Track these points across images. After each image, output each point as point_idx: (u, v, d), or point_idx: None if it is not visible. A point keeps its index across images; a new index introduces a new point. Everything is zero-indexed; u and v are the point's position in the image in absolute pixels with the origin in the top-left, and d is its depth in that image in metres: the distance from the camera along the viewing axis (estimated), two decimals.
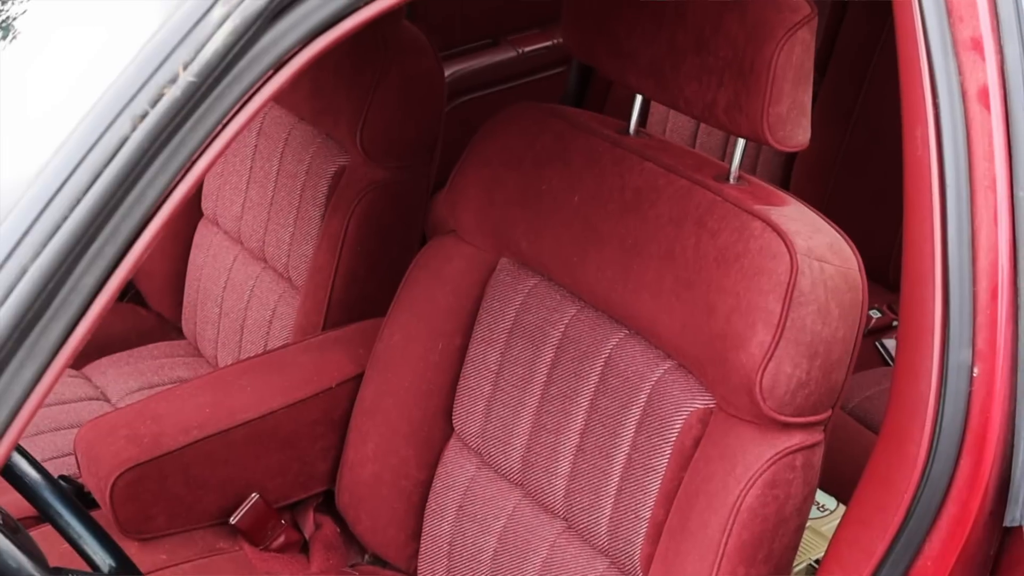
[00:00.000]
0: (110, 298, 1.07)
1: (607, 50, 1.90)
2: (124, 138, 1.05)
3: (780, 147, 1.74)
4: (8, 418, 1.02)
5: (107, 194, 1.05)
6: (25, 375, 1.03)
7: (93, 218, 1.04)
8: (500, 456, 2.03)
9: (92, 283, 1.05)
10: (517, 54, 3.32)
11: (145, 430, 2.10)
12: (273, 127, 2.57)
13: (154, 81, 1.07)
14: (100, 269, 1.06)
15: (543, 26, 3.39)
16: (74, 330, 1.05)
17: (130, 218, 1.07)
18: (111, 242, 1.06)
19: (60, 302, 1.04)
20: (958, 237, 1.47)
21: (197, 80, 1.08)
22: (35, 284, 1.02)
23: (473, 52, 3.26)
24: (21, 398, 1.03)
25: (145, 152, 1.06)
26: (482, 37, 3.30)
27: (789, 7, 1.70)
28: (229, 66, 1.10)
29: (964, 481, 1.50)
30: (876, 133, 2.89)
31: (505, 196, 2.02)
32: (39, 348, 1.04)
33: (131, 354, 2.72)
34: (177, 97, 1.07)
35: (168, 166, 1.08)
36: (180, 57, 1.08)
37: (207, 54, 1.08)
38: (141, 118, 1.06)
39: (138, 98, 1.06)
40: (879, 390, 2.55)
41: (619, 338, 1.89)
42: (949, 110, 1.46)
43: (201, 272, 2.73)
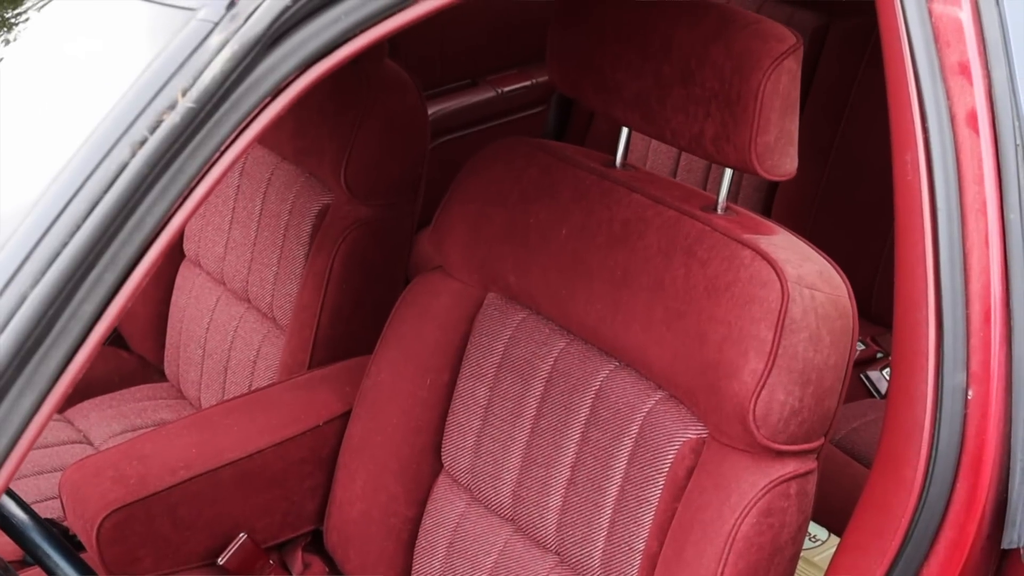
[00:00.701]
0: (109, 325, 1.06)
1: (592, 84, 1.91)
2: (123, 164, 1.05)
3: (768, 176, 1.74)
4: (8, 447, 1.01)
5: (106, 221, 1.04)
6: (24, 404, 1.02)
7: (92, 245, 1.04)
8: (490, 491, 2.02)
9: (91, 310, 1.05)
10: (496, 94, 3.33)
11: (131, 471, 2.08)
12: (255, 167, 2.57)
13: (153, 107, 1.07)
14: (99, 296, 1.05)
15: (522, 66, 3.40)
16: (73, 358, 1.05)
17: (129, 245, 1.06)
18: (110, 269, 1.05)
19: (59, 330, 1.03)
20: (950, 260, 1.47)
21: (196, 106, 1.07)
22: (35, 311, 1.02)
23: (453, 92, 3.27)
24: (21, 427, 1.02)
25: (144, 178, 1.06)
26: (462, 77, 3.31)
27: (775, 37, 1.71)
28: (227, 92, 1.10)
29: (961, 504, 1.50)
30: (856, 168, 2.90)
31: (492, 231, 2.02)
32: (38, 376, 1.03)
33: (114, 397, 2.70)
34: (176, 123, 1.07)
35: (167, 193, 1.07)
36: (179, 83, 1.08)
37: (206, 80, 1.08)
38: (140, 144, 1.06)
39: (137, 124, 1.06)
40: (865, 421, 2.56)
41: (609, 370, 1.89)
42: (938, 134, 1.47)
43: (184, 314, 2.71)
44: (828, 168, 2.93)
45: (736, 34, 1.73)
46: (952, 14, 1.49)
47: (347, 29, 1.18)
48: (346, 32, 1.18)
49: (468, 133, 3.27)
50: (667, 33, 1.79)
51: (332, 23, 1.17)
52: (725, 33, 1.73)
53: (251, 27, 1.11)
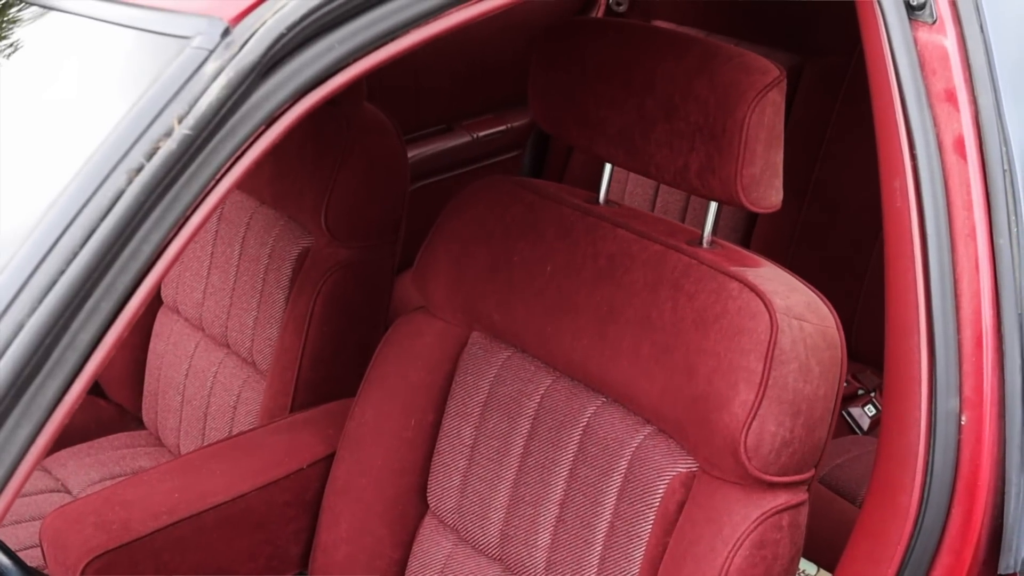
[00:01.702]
0: (106, 355, 1.05)
1: (575, 121, 1.91)
2: (120, 192, 1.04)
3: (754, 208, 1.74)
4: (4, 478, 1.00)
5: (103, 248, 1.03)
6: (21, 434, 1.01)
7: (89, 273, 1.03)
8: (478, 531, 2.01)
9: (88, 339, 1.04)
10: (472, 139, 3.33)
11: (113, 516, 2.05)
12: (234, 212, 2.56)
13: (149, 135, 1.06)
14: (96, 325, 1.04)
15: (497, 111, 3.41)
16: (70, 388, 1.03)
17: (126, 273, 1.05)
18: (107, 297, 1.04)
19: (56, 359, 1.02)
20: (941, 286, 1.48)
21: (192, 133, 1.07)
22: (32, 340, 1.00)
23: (428, 137, 3.27)
24: (17, 457, 1.00)
25: (141, 205, 1.05)
26: (437, 122, 3.31)
27: (759, 70, 1.72)
28: (223, 120, 1.09)
29: (957, 530, 1.49)
30: (832, 207, 2.92)
31: (475, 270, 2.02)
32: (35, 406, 1.01)
33: (91, 445, 2.67)
34: (173, 150, 1.06)
35: (163, 220, 1.07)
36: (175, 111, 1.07)
37: (202, 107, 1.08)
38: (137, 172, 1.05)
39: (133, 152, 1.05)
40: (849, 458, 2.56)
41: (597, 406, 1.88)
42: (926, 161, 1.48)
43: (162, 360, 2.69)
44: (805, 207, 2.94)
45: (720, 67, 1.73)
46: (937, 42, 1.50)
47: (340, 58, 1.18)
48: (339, 61, 1.18)
49: (444, 178, 3.27)
50: (650, 68, 1.80)
51: (326, 52, 1.16)
52: (709, 67, 1.74)
53: (246, 55, 1.11)
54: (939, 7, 1.49)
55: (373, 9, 1.19)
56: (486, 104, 3.39)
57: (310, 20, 1.14)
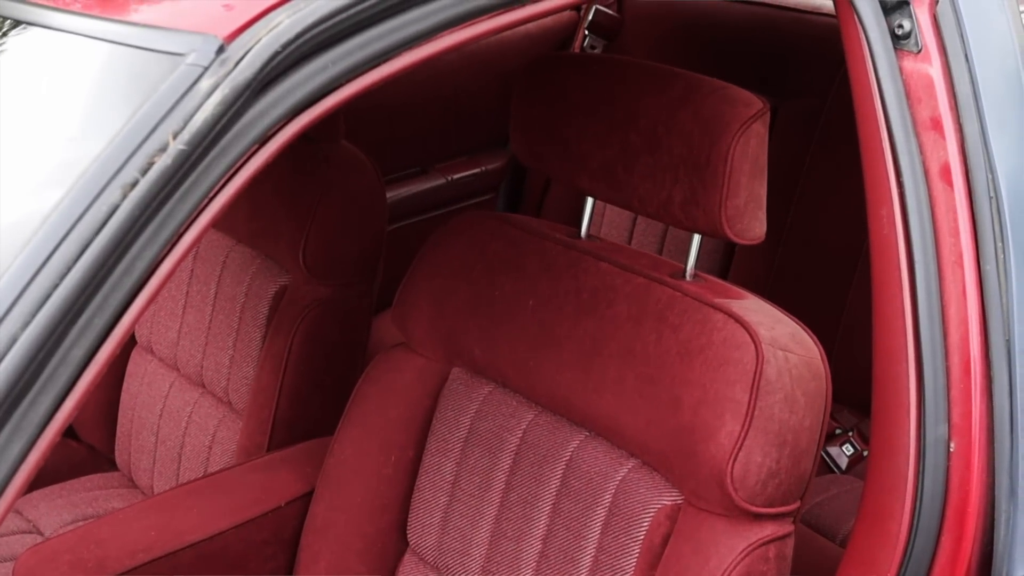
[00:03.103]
0: (98, 372, 1.04)
1: (557, 155, 1.91)
2: (114, 207, 1.03)
3: (738, 240, 1.75)
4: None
5: (97, 263, 1.02)
6: (13, 451, 0.99)
7: (83, 288, 1.02)
8: (458, 568, 1.99)
9: (81, 356, 1.02)
10: (446, 181, 3.33)
11: (89, 555, 2.02)
12: (210, 251, 2.55)
13: (143, 150, 1.05)
14: (89, 341, 1.03)
15: (471, 153, 3.41)
16: (62, 404, 1.02)
17: (119, 290, 1.04)
18: (100, 314, 1.03)
19: (49, 374, 1.01)
20: (928, 313, 1.48)
21: (187, 149, 1.06)
22: (25, 354, 0.99)
23: (402, 180, 3.27)
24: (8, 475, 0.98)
25: (135, 221, 1.04)
26: (411, 165, 3.31)
27: (742, 102, 1.73)
28: (218, 137, 1.09)
29: (946, 557, 1.49)
30: (808, 248, 2.92)
31: (456, 305, 2.01)
32: (26, 422, 1.00)
33: (63, 487, 2.64)
34: (168, 166, 1.05)
35: (157, 236, 1.06)
36: (169, 127, 1.07)
37: (196, 123, 1.07)
38: (131, 186, 1.04)
39: (128, 166, 1.05)
40: (828, 496, 2.55)
41: (580, 440, 1.87)
42: (913, 189, 1.48)
43: (135, 401, 2.67)
44: (780, 249, 2.95)
45: (703, 100, 1.74)
46: (923, 70, 1.51)
47: (334, 78, 1.17)
48: (333, 81, 1.17)
49: (418, 220, 3.26)
50: (633, 101, 1.80)
51: (319, 71, 1.16)
52: (692, 99, 1.75)
53: (241, 72, 1.10)
54: (924, 36, 1.50)
55: (367, 30, 1.19)
56: (460, 146, 3.39)
57: (305, 39, 1.14)
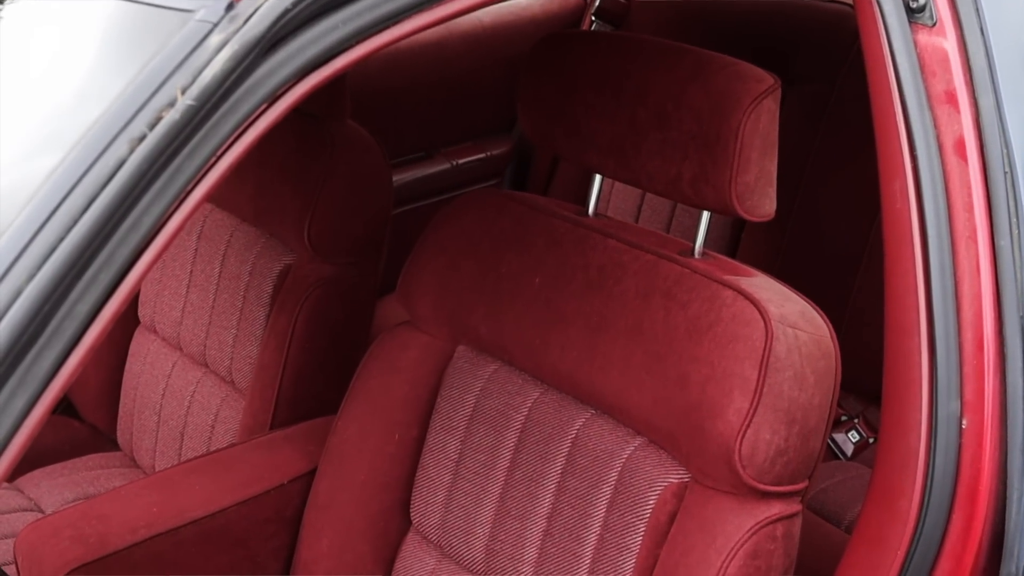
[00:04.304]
0: (104, 328, 1.02)
1: (564, 132, 1.90)
2: (121, 160, 1.02)
3: (748, 217, 1.73)
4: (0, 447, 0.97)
5: (103, 217, 1.01)
6: (17, 404, 0.98)
7: (89, 241, 1.00)
8: (462, 547, 1.97)
9: (87, 311, 1.01)
10: (451, 166, 3.32)
11: (90, 530, 2.01)
12: (214, 230, 2.54)
13: (152, 104, 1.04)
14: (95, 296, 1.01)
15: (476, 138, 3.40)
16: (67, 360, 1.00)
17: (125, 245, 1.03)
18: (106, 269, 1.02)
19: (54, 328, 0.99)
20: (942, 289, 1.46)
21: (196, 104, 1.05)
22: (30, 307, 0.98)
23: (408, 164, 3.25)
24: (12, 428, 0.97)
25: (143, 175, 1.03)
26: (416, 149, 3.30)
27: (753, 78, 1.71)
28: (227, 93, 1.07)
29: (957, 536, 1.48)
30: (815, 234, 2.91)
31: (462, 282, 1.99)
32: (31, 377, 0.99)
33: (65, 466, 2.63)
34: (176, 120, 1.04)
35: (165, 192, 1.04)
36: (178, 81, 1.05)
37: (206, 79, 1.06)
38: (139, 141, 1.03)
39: (136, 121, 1.03)
40: (833, 482, 2.54)
41: (586, 418, 1.85)
42: (927, 163, 1.47)
43: (138, 380, 2.65)
44: (787, 235, 2.93)
45: (714, 76, 1.73)
46: (937, 44, 1.49)
47: (345, 38, 1.16)
48: (344, 41, 1.16)
49: (423, 204, 3.25)
50: (642, 78, 1.79)
51: (330, 30, 1.15)
52: (702, 75, 1.73)
53: (251, 28, 1.09)
54: (939, 9, 1.48)
55: None
56: (466, 131, 3.38)
57: None
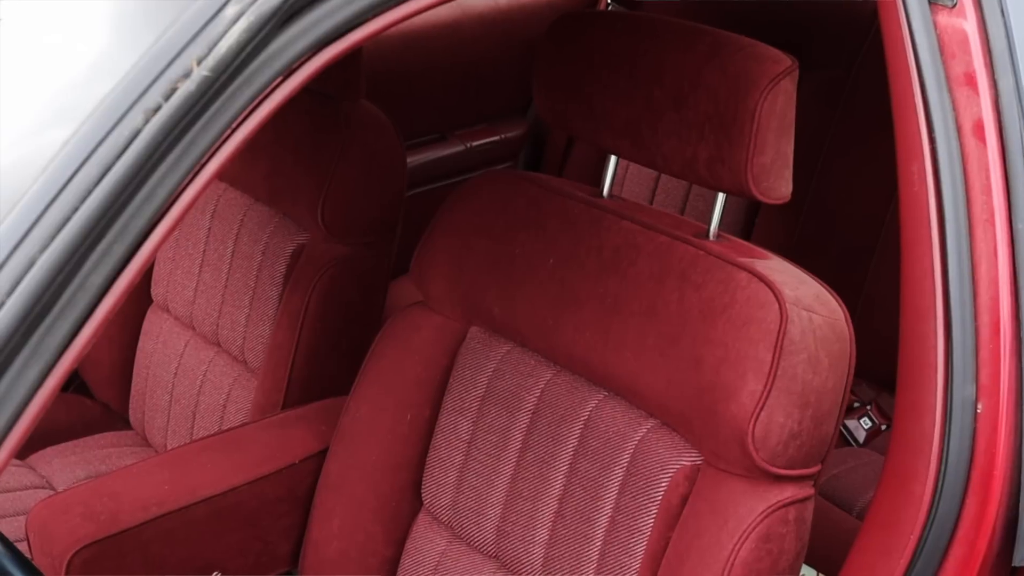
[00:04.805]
0: (117, 300, 1.02)
1: (580, 113, 1.89)
2: (136, 131, 1.01)
3: (764, 199, 1.72)
4: (11, 420, 0.96)
5: (118, 188, 1.00)
6: (29, 375, 0.97)
7: (103, 212, 1.00)
8: (473, 528, 1.97)
9: (100, 282, 1.00)
10: (465, 148, 3.31)
11: (102, 507, 2.01)
12: (228, 209, 2.53)
13: (167, 75, 1.03)
14: (108, 268, 1.01)
15: (491, 121, 3.39)
16: (80, 331, 1.00)
17: (139, 217, 1.02)
18: (120, 240, 1.01)
19: (67, 300, 0.99)
20: (958, 272, 1.45)
21: (211, 75, 1.04)
22: (43, 278, 0.97)
23: (422, 146, 3.25)
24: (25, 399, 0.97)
25: (158, 146, 1.02)
26: (430, 131, 3.29)
27: (771, 59, 1.70)
28: (242, 65, 1.07)
29: (971, 521, 1.47)
30: (829, 220, 2.90)
31: (476, 263, 1.99)
32: (43, 348, 0.98)
33: (77, 444, 2.63)
34: (191, 91, 1.03)
35: (179, 164, 1.04)
36: (193, 52, 1.05)
37: (221, 50, 1.05)
38: (154, 111, 1.02)
39: (151, 91, 1.03)
40: (845, 468, 2.53)
41: (598, 400, 1.85)
42: (945, 145, 1.46)
43: (151, 360, 2.65)
44: (801, 221, 2.93)
45: (731, 56, 1.72)
46: (957, 25, 1.48)
47: (361, 11, 1.15)
48: (360, 14, 1.15)
49: (437, 187, 3.24)
50: (658, 58, 1.78)
51: (347, 3, 1.14)
52: (719, 56, 1.72)
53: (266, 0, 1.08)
54: None
55: None
56: (480, 114, 3.37)
57: None
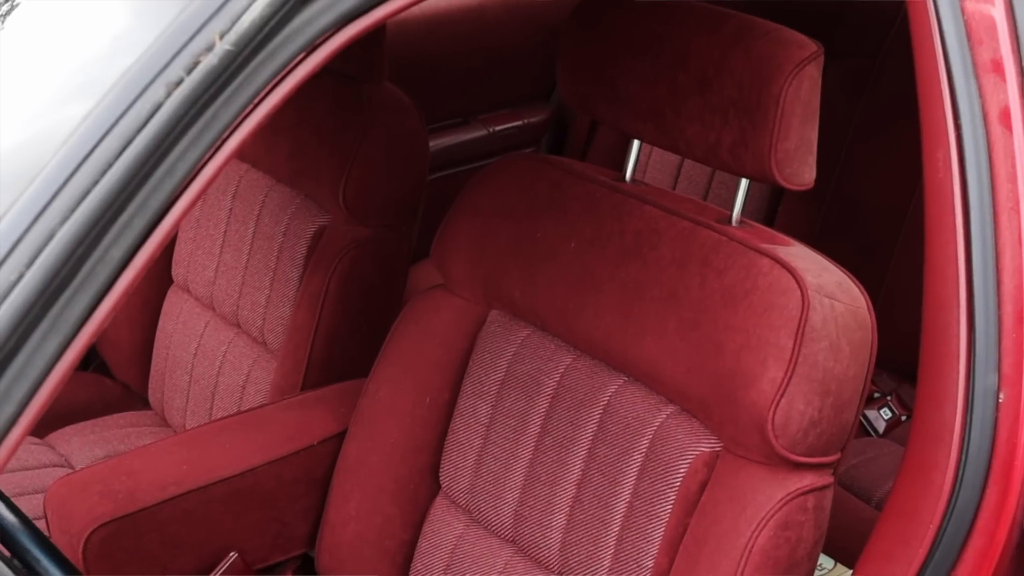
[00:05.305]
0: (136, 275, 1.02)
1: (604, 96, 1.88)
2: (158, 104, 1.01)
3: (787, 185, 1.71)
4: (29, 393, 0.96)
5: (139, 161, 1.00)
6: (48, 348, 0.97)
7: (124, 186, 0.99)
8: (490, 512, 1.97)
9: (120, 256, 1.00)
10: (488, 133, 3.30)
11: (120, 486, 2.01)
12: (249, 190, 2.53)
13: (190, 48, 1.03)
14: (128, 241, 1.00)
15: (513, 106, 3.38)
16: (99, 305, 1.00)
17: (160, 191, 1.02)
18: (140, 214, 1.01)
19: (87, 272, 0.99)
20: (982, 260, 1.44)
21: (234, 49, 1.04)
22: (63, 250, 0.97)
23: (444, 130, 3.24)
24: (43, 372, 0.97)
25: (179, 120, 1.02)
26: (453, 115, 3.29)
27: (796, 43, 1.69)
28: (265, 40, 1.06)
29: (991, 511, 1.46)
30: (852, 209, 2.89)
31: (497, 246, 1.98)
32: (63, 321, 0.98)
33: (96, 423, 2.64)
34: (214, 65, 1.03)
35: (200, 139, 1.03)
36: (216, 26, 1.04)
37: (244, 24, 1.05)
38: (176, 85, 1.02)
39: (173, 65, 1.02)
40: (864, 459, 2.52)
41: (618, 385, 1.84)
42: (971, 132, 1.45)
43: (170, 340, 2.66)
44: (824, 209, 2.91)
45: (756, 41, 1.71)
46: (985, 11, 1.47)
47: None
48: None
49: (458, 171, 3.23)
50: (683, 42, 1.77)
51: None
52: (744, 40, 1.71)
53: None
54: None
55: None
56: (503, 98, 3.37)
57: None
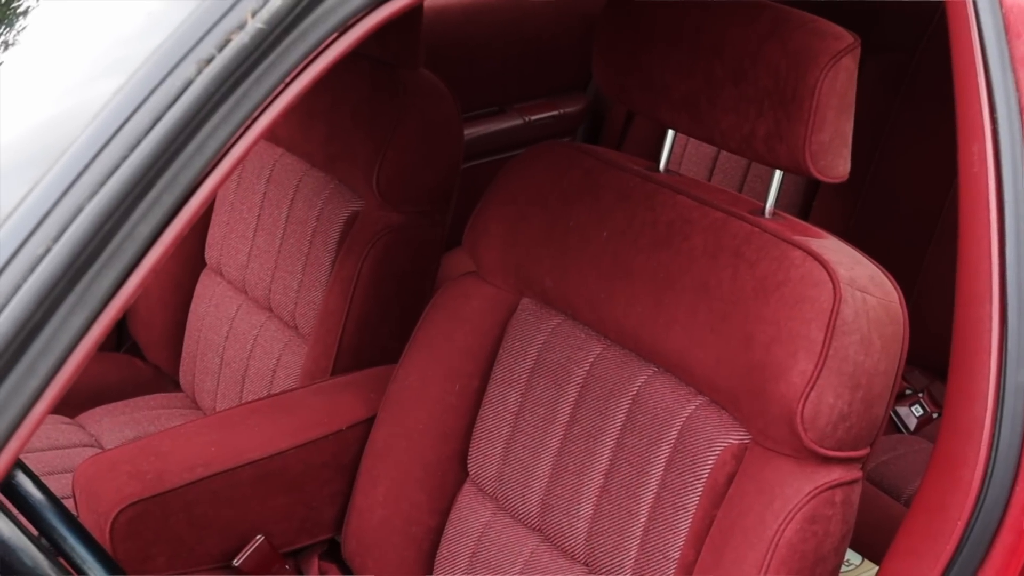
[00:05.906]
0: (164, 252, 1.02)
1: (639, 85, 1.87)
2: (188, 81, 1.01)
3: (821, 177, 1.70)
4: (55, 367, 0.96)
5: (169, 137, 1.00)
6: (74, 322, 0.97)
7: (153, 161, 0.99)
8: (518, 500, 1.97)
9: (148, 232, 1.00)
10: (523, 122, 3.30)
11: (148, 466, 2.02)
12: (283, 174, 2.54)
13: (221, 26, 1.03)
14: (156, 218, 1.00)
15: (550, 96, 3.38)
16: (126, 281, 1.00)
17: (189, 168, 1.02)
18: (169, 191, 1.01)
19: (115, 248, 0.99)
20: (1016, 255, 1.43)
21: (266, 28, 1.04)
22: (91, 224, 0.97)
23: (480, 118, 3.24)
24: (70, 346, 0.97)
25: (210, 97, 1.02)
26: (489, 104, 3.28)
27: (833, 35, 1.68)
28: (297, 20, 1.06)
29: (1020, 508, 1.45)
30: (887, 205, 2.87)
31: (529, 234, 1.98)
32: (90, 295, 0.98)
33: (127, 404, 2.65)
34: (245, 43, 1.03)
35: (231, 117, 1.03)
36: (248, 5, 1.04)
37: (276, 3, 1.05)
38: (207, 62, 1.02)
39: (204, 42, 1.02)
40: (894, 455, 2.51)
41: (647, 375, 1.84)
42: (1008, 126, 1.43)
43: (202, 323, 2.67)
44: (859, 204, 2.89)
45: (792, 32, 1.69)
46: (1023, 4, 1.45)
47: None
48: None
49: (493, 160, 3.23)
50: (719, 32, 1.76)
51: None
52: (780, 31, 1.70)
53: None
54: None
55: None
56: (540, 88, 3.36)
57: None
